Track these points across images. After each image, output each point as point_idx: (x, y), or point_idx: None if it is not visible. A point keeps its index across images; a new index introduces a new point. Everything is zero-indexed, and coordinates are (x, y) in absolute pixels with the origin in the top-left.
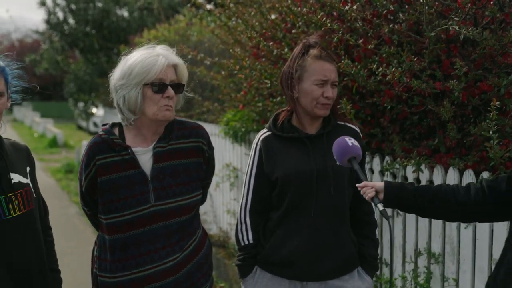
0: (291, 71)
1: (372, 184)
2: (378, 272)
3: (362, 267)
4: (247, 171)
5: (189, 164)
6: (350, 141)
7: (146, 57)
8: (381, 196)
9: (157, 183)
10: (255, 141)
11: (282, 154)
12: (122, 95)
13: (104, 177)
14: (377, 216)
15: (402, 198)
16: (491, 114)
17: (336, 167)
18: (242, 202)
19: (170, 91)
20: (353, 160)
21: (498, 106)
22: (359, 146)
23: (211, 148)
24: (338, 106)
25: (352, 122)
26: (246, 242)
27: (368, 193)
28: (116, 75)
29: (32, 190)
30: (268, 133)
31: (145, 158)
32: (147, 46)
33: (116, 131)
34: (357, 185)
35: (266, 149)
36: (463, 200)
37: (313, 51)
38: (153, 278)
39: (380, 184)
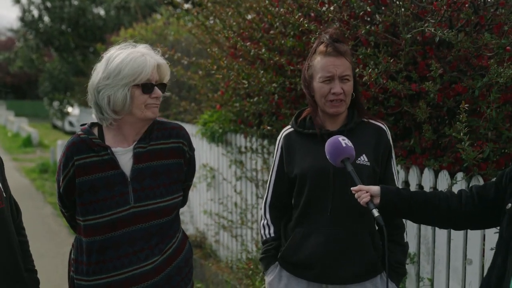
0: (305, 70)
1: (367, 188)
2: None
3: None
4: (271, 167)
5: (169, 165)
6: (344, 141)
7: (134, 57)
8: (377, 201)
9: (137, 184)
10: (278, 138)
11: (302, 151)
12: (107, 96)
13: (83, 178)
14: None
15: (397, 203)
16: (461, 116)
17: (355, 164)
18: (264, 198)
19: (158, 91)
20: (346, 161)
21: (469, 108)
22: (353, 146)
23: (192, 149)
24: None
25: (378, 119)
26: (268, 236)
27: (363, 198)
28: (99, 75)
29: (2, 190)
30: (291, 129)
31: (125, 159)
32: (126, 44)
33: (95, 131)
34: (351, 188)
35: (287, 146)
36: (455, 206)
37: (320, 48)
38: (132, 281)
39: (376, 189)
